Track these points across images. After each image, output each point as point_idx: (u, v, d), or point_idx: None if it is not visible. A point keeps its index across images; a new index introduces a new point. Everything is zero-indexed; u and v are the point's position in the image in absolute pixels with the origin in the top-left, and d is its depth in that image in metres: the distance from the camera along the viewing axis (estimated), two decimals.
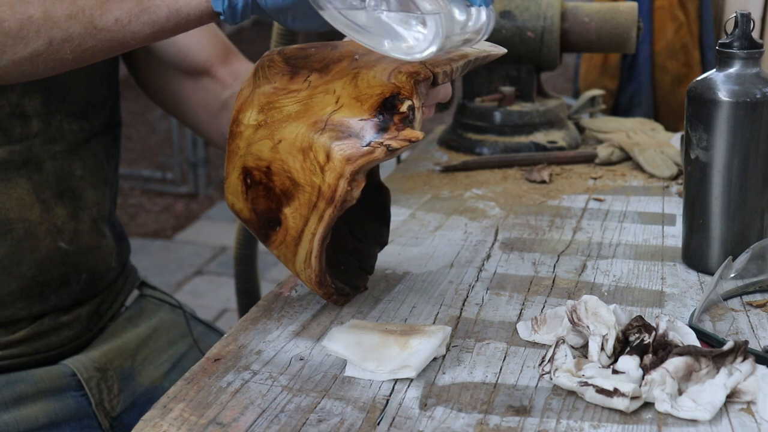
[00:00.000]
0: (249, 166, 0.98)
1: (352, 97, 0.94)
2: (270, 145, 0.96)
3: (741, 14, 1.07)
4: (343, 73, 0.96)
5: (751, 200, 1.09)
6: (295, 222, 0.97)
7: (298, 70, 0.98)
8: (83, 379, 1.18)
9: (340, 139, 0.93)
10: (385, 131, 0.92)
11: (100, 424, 1.19)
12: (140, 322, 1.29)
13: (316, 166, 0.94)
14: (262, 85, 0.98)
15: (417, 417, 0.83)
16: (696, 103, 1.09)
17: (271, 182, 0.97)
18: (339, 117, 0.93)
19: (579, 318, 0.92)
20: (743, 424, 0.82)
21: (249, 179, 0.98)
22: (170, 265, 3.62)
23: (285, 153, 0.95)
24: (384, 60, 0.96)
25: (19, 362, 1.15)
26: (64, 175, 1.16)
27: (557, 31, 1.60)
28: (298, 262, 0.99)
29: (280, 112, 0.96)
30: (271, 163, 0.96)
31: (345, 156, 0.92)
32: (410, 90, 0.93)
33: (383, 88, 0.93)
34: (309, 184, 0.95)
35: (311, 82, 0.96)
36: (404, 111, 0.92)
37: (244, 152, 0.98)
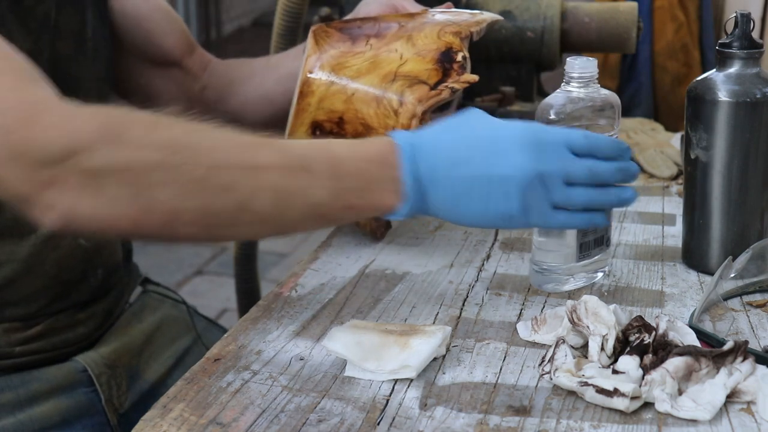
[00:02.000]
0: (320, 119, 1.11)
1: (413, 53, 1.11)
2: (344, 98, 1.10)
3: (741, 14, 1.07)
4: (397, 36, 1.13)
5: (751, 200, 1.09)
6: None
7: (357, 36, 1.14)
8: (94, 375, 1.18)
9: (411, 85, 1.10)
10: (448, 77, 1.10)
11: (109, 420, 1.19)
12: (144, 318, 1.30)
13: (390, 110, 1.09)
14: (327, 50, 1.12)
15: (417, 417, 0.83)
16: (696, 103, 1.09)
17: (343, 130, 1.11)
18: (406, 69, 1.10)
19: (579, 318, 0.92)
20: (743, 424, 0.82)
21: (318, 131, 1.12)
22: (170, 265, 3.62)
23: (359, 103, 1.10)
24: (427, 24, 1.14)
25: (35, 359, 1.15)
26: None
27: (557, 31, 1.60)
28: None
29: (351, 70, 1.11)
30: (344, 113, 1.11)
31: (417, 98, 1.09)
32: (460, 44, 1.12)
33: (438, 44, 1.12)
34: (383, 127, 1.09)
35: (372, 45, 1.13)
36: (460, 60, 1.11)
37: (315, 108, 1.11)
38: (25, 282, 1.13)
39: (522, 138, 0.93)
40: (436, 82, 1.10)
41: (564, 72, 1.05)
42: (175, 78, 1.31)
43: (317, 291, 1.09)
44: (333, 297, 1.07)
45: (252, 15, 7.27)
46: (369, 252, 1.20)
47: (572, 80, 1.04)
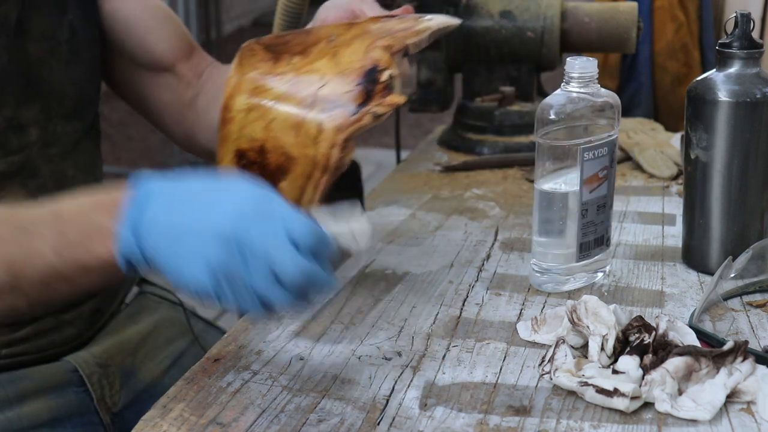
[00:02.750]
0: (243, 148, 1.03)
1: (335, 73, 1.01)
2: (262, 125, 1.02)
3: (741, 14, 1.07)
4: (323, 53, 1.03)
5: (751, 200, 1.09)
6: (292, 194, 1.01)
7: (280, 54, 1.05)
8: (85, 374, 1.18)
9: (329, 111, 0.99)
10: (371, 99, 0.99)
11: (102, 419, 1.19)
12: (141, 319, 1.29)
13: (309, 138, 1.00)
14: (247, 72, 1.04)
15: (417, 417, 0.84)
16: (696, 103, 1.09)
17: (266, 160, 1.02)
18: (326, 91, 1.00)
19: (579, 318, 0.92)
20: (743, 424, 0.82)
21: (243, 161, 1.03)
22: None
23: (278, 131, 1.01)
24: (359, 38, 1.03)
25: (22, 360, 1.15)
26: (59, 177, 1.16)
27: (557, 31, 1.60)
28: None
29: (270, 94, 1.02)
30: (265, 142, 1.02)
31: (336, 126, 0.99)
32: (388, 60, 1.00)
33: (363, 62, 1.01)
34: (303, 157, 1.00)
35: (294, 64, 1.03)
36: (385, 80, 1.00)
37: (237, 135, 1.03)
38: None
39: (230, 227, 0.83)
40: (358, 105, 0.99)
41: (564, 72, 1.05)
42: (167, 84, 1.28)
43: None
44: (333, 297, 1.07)
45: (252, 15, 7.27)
46: (369, 252, 1.20)
47: (572, 80, 1.04)
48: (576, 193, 1.04)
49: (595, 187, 1.05)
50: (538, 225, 1.07)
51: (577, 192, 1.04)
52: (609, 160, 1.06)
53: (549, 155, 1.05)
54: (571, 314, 0.93)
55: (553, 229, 1.06)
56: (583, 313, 0.92)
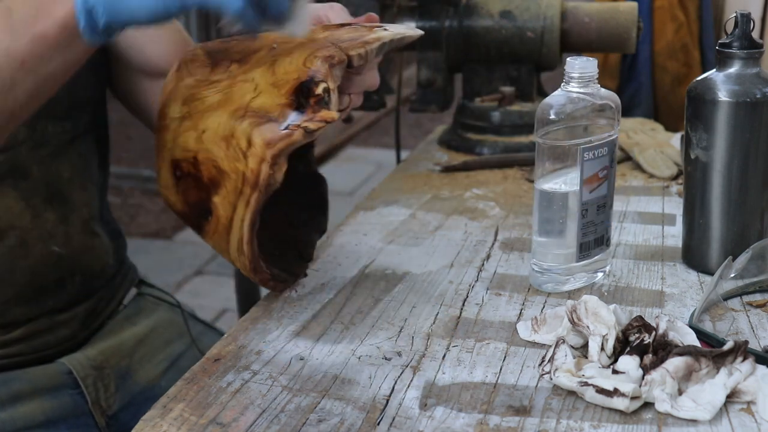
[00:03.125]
0: (177, 158, 1.00)
1: (269, 83, 0.96)
2: (195, 135, 0.98)
3: (741, 14, 1.07)
4: (261, 62, 0.98)
5: (751, 200, 1.09)
6: (225, 210, 0.99)
7: (219, 61, 1.01)
8: (79, 377, 1.18)
9: (260, 124, 0.95)
10: (302, 114, 0.95)
11: (97, 422, 1.19)
12: (138, 321, 1.29)
13: (239, 152, 0.96)
14: (184, 78, 1.01)
15: (417, 417, 0.84)
16: (696, 103, 1.09)
17: (199, 172, 0.99)
18: (258, 103, 0.96)
19: (579, 318, 0.92)
20: (743, 424, 0.82)
21: (178, 171, 1.01)
22: (170, 265, 3.62)
23: (209, 142, 0.97)
24: (301, 47, 0.98)
25: (15, 361, 1.15)
26: (52, 179, 1.15)
27: (557, 31, 1.60)
28: (231, 251, 1.01)
29: (203, 103, 0.98)
30: (198, 153, 0.98)
31: (265, 140, 0.95)
32: (325, 73, 0.95)
33: (299, 73, 0.96)
34: (234, 171, 0.97)
35: (231, 72, 0.99)
36: (319, 93, 0.94)
37: (171, 145, 1.00)
38: None
39: None
40: (289, 120, 0.95)
41: (564, 72, 1.05)
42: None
43: (317, 291, 1.09)
44: (333, 297, 1.07)
45: None
46: (369, 252, 1.20)
47: (572, 80, 1.04)
48: (576, 193, 1.04)
49: (595, 187, 1.05)
50: (538, 225, 1.07)
51: (577, 192, 1.04)
52: (609, 160, 1.06)
53: (549, 155, 1.05)
54: (571, 314, 0.93)
55: (553, 229, 1.06)
56: (583, 313, 0.92)
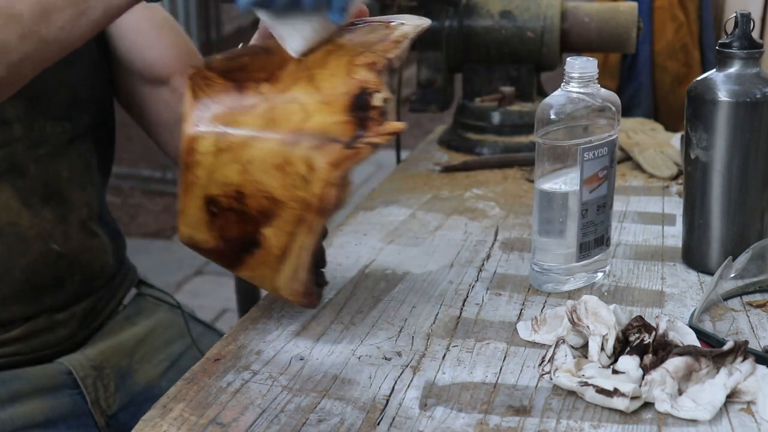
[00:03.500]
0: (213, 194, 0.92)
1: (318, 102, 0.90)
2: (238, 168, 0.91)
3: (741, 14, 1.07)
4: (295, 78, 0.91)
5: (751, 200, 1.09)
6: (279, 240, 0.93)
7: (243, 83, 0.92)
8: (79, 377, 1.18)
9: (320, 147, 0.89)
10: (366, 129, 0.89)
11: (96, 422, 1.19)
12: (138, 321, 1.29)
13: (298, 179, 0.89)
14: (209, 106, 0.91)
15: (417, 417, 0.83)
16: (696, 103, 1.09)
17: (245, 206, 0.92)
18: (312, 125, 0.89)
19: (579, 318, 0.92)
20: (743, 424, 0.82)
21: (215, 208, 0.93)
22: (170, 265, 3.62)
23: (258, 173, 0.90)
24: (333, 56, 0.92)
25: (14, 360, 1.15)
26: (50, 178, 1.15)
27: (557, 31, 1.60)
28: (281, 279, 0.96)
29: (242, 133, 0.90)
30: (242, 186, 0.91)
31: (330, 162, 0.89)
32: (376, 82, 0.89)
33: (348, 86, 0.89)
34: (293, 199, 0.90)
35: (265, 94, 0.91)
36: (379, 105, 0.89)
37: (206, 181, 0.92)
38: None
39: None
40: (352, 137, 0.89)
41: (564, 72, 1.05)
42: (162, 97, 1.25)
43: None
44: (333, 297, 1.07)
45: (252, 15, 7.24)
46: (369, 252, 1.20)
47: (572, 80, 1.04)
48: (576, 193, 1.04)
49: (595, 187, 1.05)
50: (538, 225, 1.07)
51: (577, 192, 1.04)
52: (609, 160, 1.06)
53: (549, 155, 1.05)
54: (571, 314, 0.93)
55: (553, 229, 1.06)
56: (583, 313, 0.92)
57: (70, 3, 0.90)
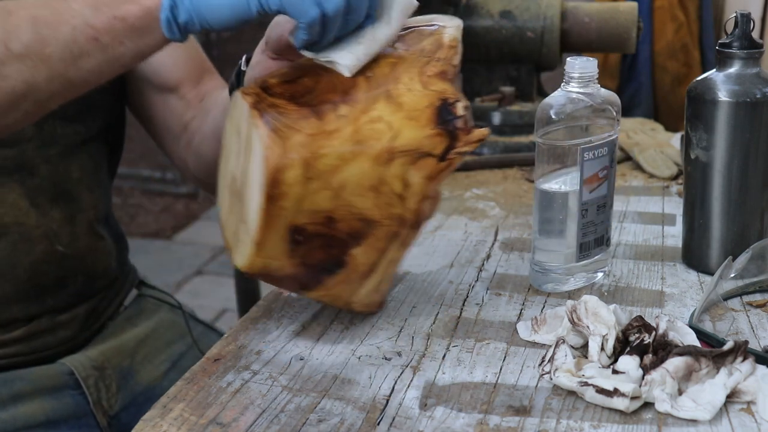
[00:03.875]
0: (301, 223, 0.89)
1: (403, 118, 0.90)
2: (329, 194, 0.89)
3: (741, 14, 1.07)
4: (373, 97, 0.90)
5: (751, 200, 1.09)
6: (368, 257, 0.93)
7: (318, 107, 0.90)
8: (81, 377, 1.18)
9: (413, 162, 0.90)
10: (456, 140, 0.91)
11: (98, 422, 1.19)
12: (139, 322, 1.29)
13: (393, 197, 0.90)
14: (289, 138, 0.88)
15: (417, 417, 0.83)
16: (696, 103, 1.09)
17: (334, 230, 0.91)
18: (403, 142, 0.89)
19: (579, 318, 0.92)
20: (743, 424, 0.82)
21: (300, 236, 0.90)
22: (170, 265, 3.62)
23: (351, 196, 0.89)
24: (401, 70, 0.92)
25: (15, 361, 1.15)
26: (60, 178, 1.15)
27: (557, 31, 1.60)
28: (360, 294, 0.97)
29: (331, 159, 0.88)
30: (333, 212, 0.90)
31: (426, 177, 0.90)
32: (453, 91, 0.91)
33: (428, 99, 0.90)
34: (387, 217, 0.91)
35: (346, 116, 0.89)
36: (462, 113, 0.90)
37: (293, 211, 0.89)
38: None
39: None
40: (444, 149, 0.90)
41: (564, 72, 1.05)
42: (170, 106, 1.25)
43: None
44: None
45: None
46: None
47: (572, 80, 1.04)
48: (576, 193, 1.04)
49: (595, 187, 1.05)
50: (538, 225, 1.07)
51: (577, 192, 1.04)
52: (609, 160, 1.06)
53: (549, 155, 1.05)
54: (571, 314, 0.93)
55: (553, 229, 1.06)
56: (583, 313, 0.92)
57: (100, 48, 0.90)
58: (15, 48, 0.88)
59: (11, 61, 0.88)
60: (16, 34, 0.88)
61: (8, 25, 0.88)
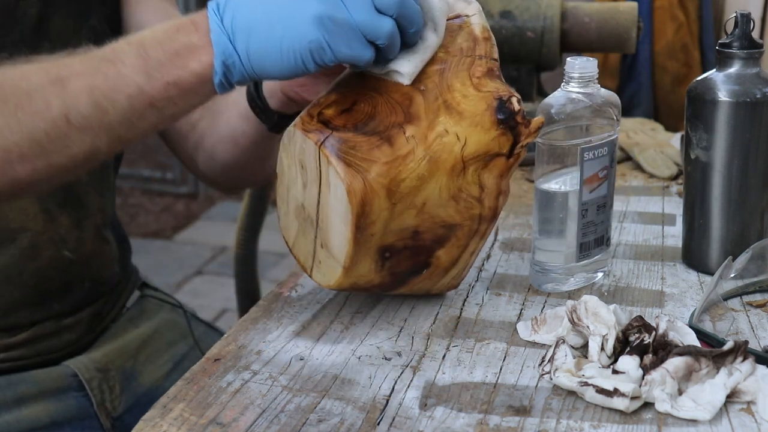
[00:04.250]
0: (389, 243, 0.93)
1: (467, 126, 0.92)
2: (413, 212, 0.93)
3: (741, 14, 1.07)
4: (432, 112, 0.92)
5: (751, 200, 1.09)
6: (450, 255, 0.98)
7: (386, 132, 0.91)
8: (84, 379, 1.18)
9: (485, 166, 0.94)
10: (519, 135, 0.94)
11: (102, 424, 1.19)
12: (141, 323, 1.29)
13: (473, 201, 0.95)
14: (368, 170, 0.90)
15: (417, 417, 0.83)
16: (696, 103, 1.09)
17: (419, 241, 0.95)
18: (471, 150, 0.93)
19: (579, 318, 0.92)
20: (743, 424, 0.82)
21: (388, 253, 0.94)
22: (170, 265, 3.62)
23: (434, 209, 0.93)
24: (446, 76, 0.94)
25: (20, 364, 1.15)
26: (70, 183, 1.15)
27: (557, 31, 1.60)
28: (441, 283, 1.01)
29: (411, 181, 0.91)
30: (419, 226, 0.94)
31: (497, 174, 0.95)
32: (504, 87, 0.94)
33: (486, 100, 0.93)
34: (468, 219, 0.96)
35: (414, 137, 0.91)
36: (518, 107, 0.94)
37: (381, 235, 0.92)
38: (3, 291, 1.12)
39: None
40: (510, 146, 0.94)
41: (564, 72, 1.05)
42: None
43: (317, 291, 1.09)
44: (333, 297, 1.07)
45: None
46: None
47: (572, 80, 1.04)
48: (576, 193, 1.04)
49: (595, 187, 1.05)
50: (538, 225, 1.07)
51: (577, 192, 1.04)
52: (609, 160, 1.06)
53: (549, 155, 1.05)
54: (571, 314, 0.93)
55: (553, 229, 1.06)
56: (583, 313, 0.92)
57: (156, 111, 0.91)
58: (76, 121, 0.89)
59: (74, 132, 0.89)
60: (76, 106, 0.89)
61: (67, 98, 0.89)
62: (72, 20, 1.14)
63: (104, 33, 1.18)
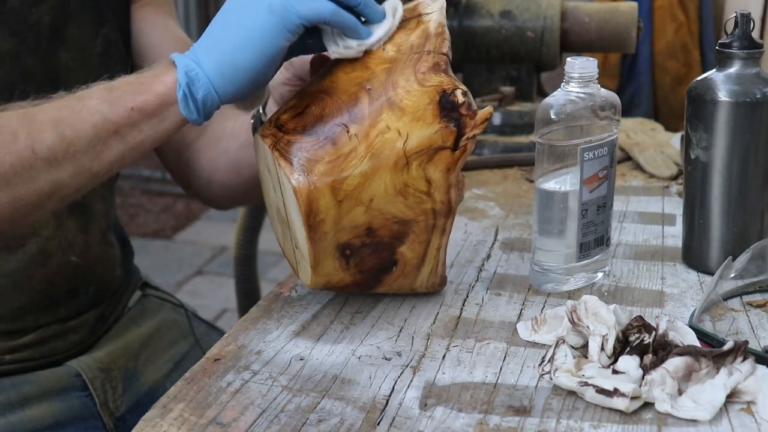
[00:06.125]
0: (345, 240, 0.95)
1: (409, 121, 0.93)
2: (362, 210, 0.94)
3: (741, 14, 1.07)
4: (378, 109, 0.93)
5: (751, 200, 1.09)
6: (415, 252, 0.99)
7: (331, 131, 0.93)
8: (88, 379, 1.18)
9: (429, 160, 0.94)
10: (464, 127, 0.94)
11: (105, 424, 1.19)
12: (143, 322, 1.29)
13: (422, 195, 0.95)
14: (312, 169, 0.92)
15: (417, 417, 0.83)
16: (696, 103, 1.09)
17: (377, 237, 0.96)
18: (414, 144, 0.93)
19: (579, 318, 0.92)
20: (743, 424, 0.82)
21: (348, 251, 0.96)
22: (170, 265, 3.62)
23: (382, 205, 0.94)
24: (393, 74, 0.95)
25: (24, 366, 1.15)
26: None
27: (557, 31, 1.60)
28: (420, 281, 1.03)
29: (354, 178, 0.93)
30: (371, 223, 0.95)
31: (444, 168, 0.95)
32: (449, 80, 0.94)
33: (428, 96, 0.94)
34: (421, 214, 0.96)
35: (357, 135, 0.93)
36: (463, 100, 0.94)
37: (334, 232, 0.94)
38: (11, 296, 1.12)
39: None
40: (455, 139, 0.94)
41: (564, 72, 1.05)
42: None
43: (317, 291, 1.09)
44: (333, 297, 1.07)
45: None
46: None
47: (572, 80, 1.04)
48: (576, 193, 1.04)
49: (595, 187, 1.05)
50: (538, 225, 1.07)
51: (577, 192, 1.04)
52: (609, 160, 1.06)
53: (549, 155, 1.05)
54: (571, 314, 0.93)
55: (553, 229, 1.06)
56: (583, 313, 0.92)
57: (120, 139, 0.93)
58: (41, 151, 0.91)
59: (38, 163, 0.91)
60: (40, 137, 0.91)
61: (32, 131, 0.91)
62: (88, 28, 1.15)
63: (116, 42, 1.18)
